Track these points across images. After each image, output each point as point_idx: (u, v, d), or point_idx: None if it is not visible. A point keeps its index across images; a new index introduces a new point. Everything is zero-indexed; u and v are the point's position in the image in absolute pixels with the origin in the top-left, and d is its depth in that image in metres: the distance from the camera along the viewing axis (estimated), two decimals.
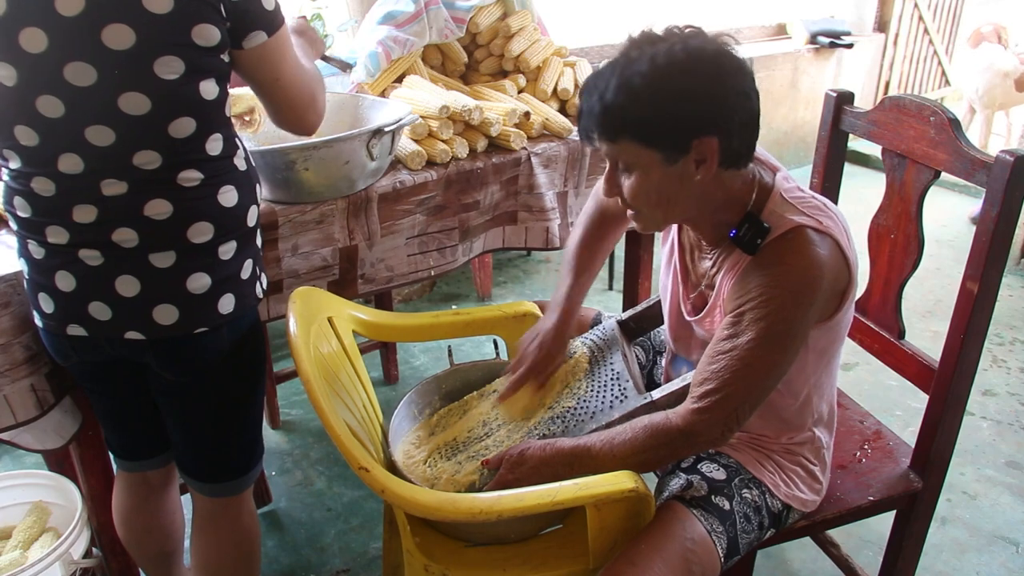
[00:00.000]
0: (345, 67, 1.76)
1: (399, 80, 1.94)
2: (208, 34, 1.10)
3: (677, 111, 1.05)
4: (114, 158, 1.11)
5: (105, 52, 1.06)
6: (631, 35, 1.11)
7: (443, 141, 1.76)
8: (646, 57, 1.05)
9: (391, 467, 1.34)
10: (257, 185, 1.29)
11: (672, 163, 1.09)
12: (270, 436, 2.40)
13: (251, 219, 1.26)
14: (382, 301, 2.49)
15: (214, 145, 1.17)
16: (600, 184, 1.29)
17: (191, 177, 1.15)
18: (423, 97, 1.78)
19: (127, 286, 1.16)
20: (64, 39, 1.05)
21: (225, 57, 1.16)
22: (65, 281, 1.17)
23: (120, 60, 1.06)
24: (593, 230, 1.49)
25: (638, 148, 1.09)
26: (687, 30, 1.09)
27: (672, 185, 1.11)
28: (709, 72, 1.05)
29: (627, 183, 1.14)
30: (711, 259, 1.26)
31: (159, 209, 1.14)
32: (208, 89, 1.14)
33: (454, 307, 3.19)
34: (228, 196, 1.20)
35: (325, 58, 1.65)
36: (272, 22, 1.18)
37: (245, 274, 1.26)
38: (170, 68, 1.09)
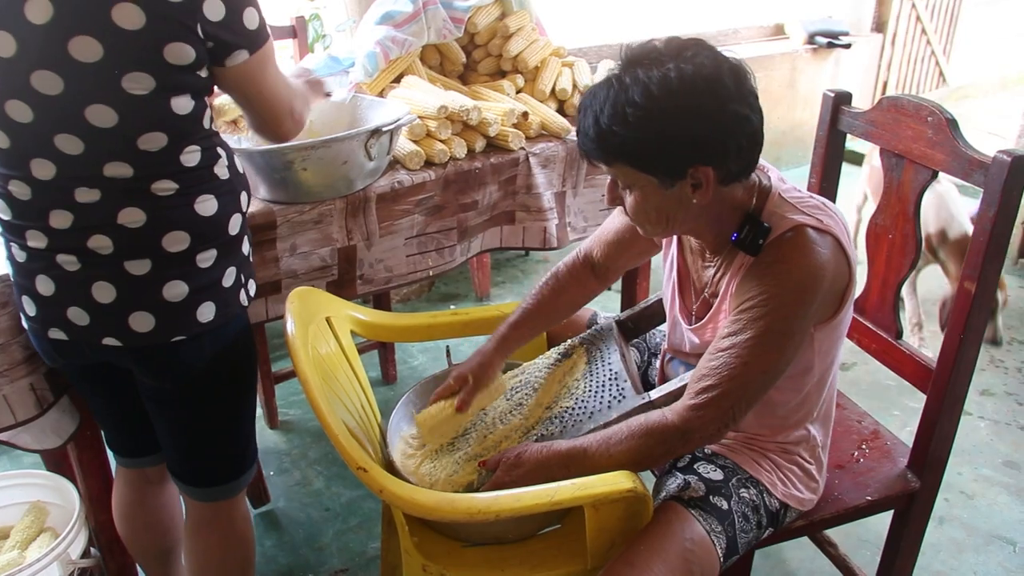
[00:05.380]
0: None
1: (397, 80, 1.94)
2: (181, 53, 1.08)
3: (671, 143, 1.06)
4: (85, 166, 1.09)
5: (72, 63, 1.04)
6: (629, 49, 1.09)
7: (441, 141, 1.75)
8: (640, 84, 1.04)
9: (389, 467, 1.34)
10: (243, 193, 1.27)
11: (668, 187, 1.10)
12: (268, 436, 2.40)
13: (233, 227, 1.24)
14: (380, 301, 2.49)
15: (190, 157, 1.15)
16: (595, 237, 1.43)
17: (165, 187, 1.14)
18: (421, 97, 1.78)
19: (103, 292, 1.15)
20: (32, 46, 1.03)
21: (203, 73, 1.13)
22: (45, 285, 1.17)
23: (87, 73, 1.04)
24: (563, 280, 1.48)
25: (634, 172, 1.11)
26: (688, 46, 1.06)
27: (670, 205, 1.13)
28: (704, 102, 1.04)
29: (628, 199, 1.16)
30: (714, 266, 1.26)
31: (133, 217, 1.12)
32: (181, 104, 1.12)
33: (452, 307, 3.18)
34: (206, 205, 1.18)
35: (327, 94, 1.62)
36: (255, 40, 1.16)
37: (228, 282, 1.24)
38: (139, 84, 1.06)
